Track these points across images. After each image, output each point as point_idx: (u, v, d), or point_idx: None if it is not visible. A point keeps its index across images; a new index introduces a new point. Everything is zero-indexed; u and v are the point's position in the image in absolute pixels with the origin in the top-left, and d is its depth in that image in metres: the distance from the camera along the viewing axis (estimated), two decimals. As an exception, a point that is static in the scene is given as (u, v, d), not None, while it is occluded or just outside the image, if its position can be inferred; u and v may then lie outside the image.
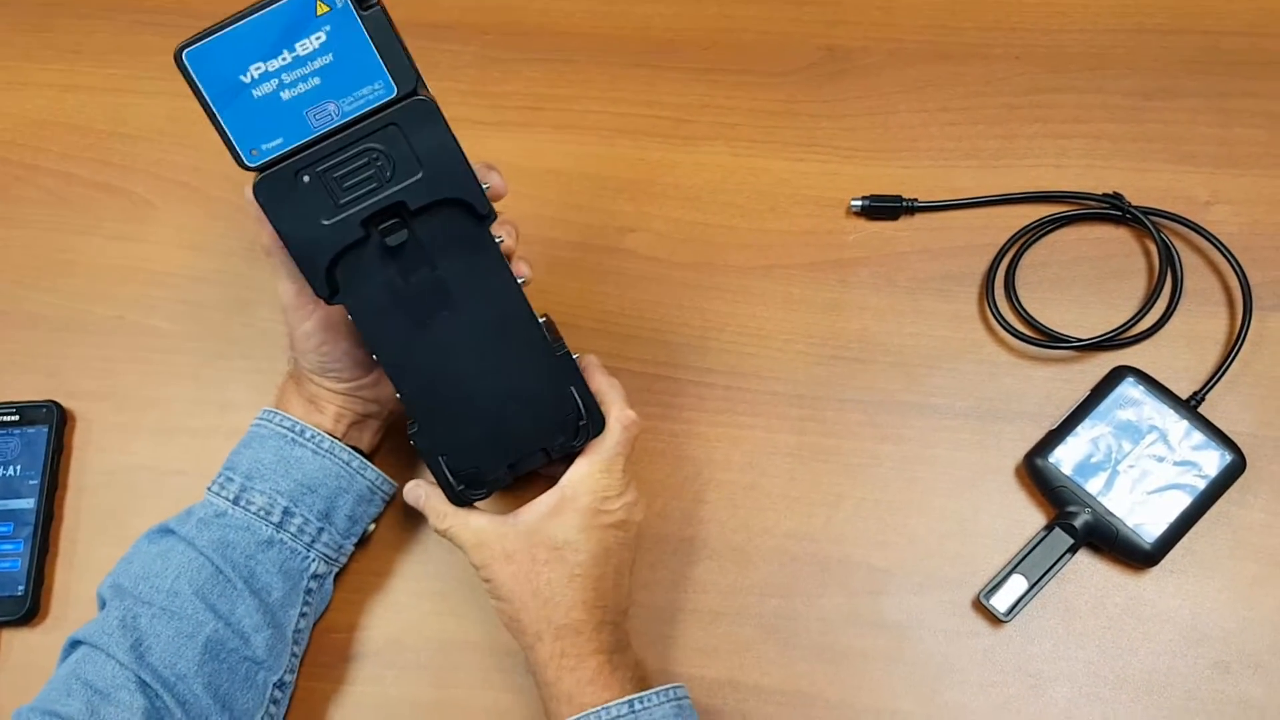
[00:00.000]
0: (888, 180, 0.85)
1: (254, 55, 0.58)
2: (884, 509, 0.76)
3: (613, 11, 0.93)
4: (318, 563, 0.71)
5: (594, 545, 0.67)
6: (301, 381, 0.72)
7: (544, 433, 0.68)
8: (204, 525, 0.68)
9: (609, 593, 0.67)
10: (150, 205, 0.89)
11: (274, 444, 0.70)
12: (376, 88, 0.59)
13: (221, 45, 0.57)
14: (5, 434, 0.80)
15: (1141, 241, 0.82)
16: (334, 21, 0.58)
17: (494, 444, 0.69)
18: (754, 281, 0.83)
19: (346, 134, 0.60)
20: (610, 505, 0.67)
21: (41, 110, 0.92)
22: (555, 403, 0.68)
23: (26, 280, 0.86)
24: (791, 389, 0.80)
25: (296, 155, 0.60)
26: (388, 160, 0.61)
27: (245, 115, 0.59)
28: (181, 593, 0.66)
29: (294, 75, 0.58)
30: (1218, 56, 0.87)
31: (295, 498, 0.69)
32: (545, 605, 0.66)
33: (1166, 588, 0.73)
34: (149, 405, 0.83)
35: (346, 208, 0.61)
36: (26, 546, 0.78)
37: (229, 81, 0.58)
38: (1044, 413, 0.78)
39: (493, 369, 0.67)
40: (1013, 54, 0.88)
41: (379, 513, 0.76)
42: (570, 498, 0.67)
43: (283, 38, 0.58)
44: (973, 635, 0.73)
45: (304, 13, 0.57)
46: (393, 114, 0.60)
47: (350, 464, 0.72)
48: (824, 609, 0.74)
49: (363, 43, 0.58)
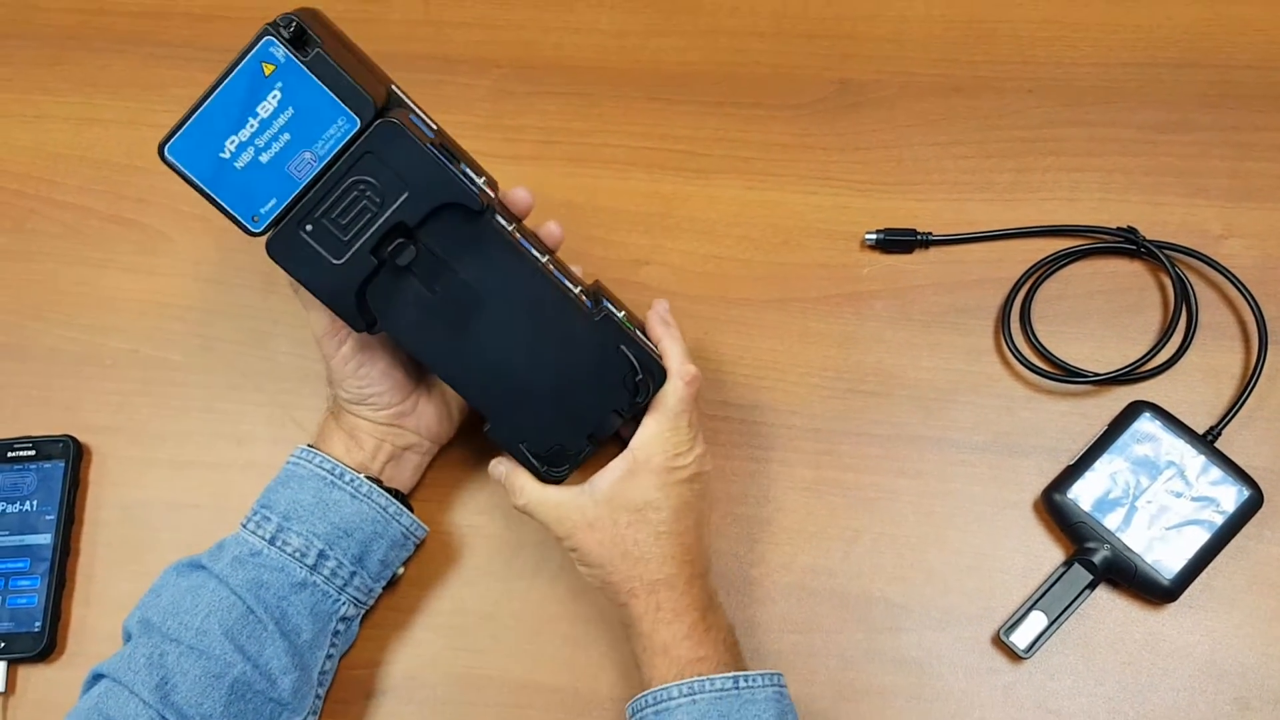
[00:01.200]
0: (901, 213, 0.85)
1: (225, 131, 0.62)
2: (902, 544, 0.77)
3: (626, 45, 0.93)
4: (348, 605, 0.71)
5: (674, 501, 0.68)
6: (340, 415, 0.73)
7: (609, 396, 0.70)
8: (239, 564, 0.68)
9: (694, 546, 0.69)
10: (166, 238, 0.89)
11: (313, 485, 0.70)
12: (341, 124, 0.62)
13: (194, 132, 0.62)
14: (22, 469, 0.80)
15: (1156, 275, 0.82)
16: (283, 77, 0.61)
17: (566, 419, 0.70)
18: (769, 315, 0.84)
19: (329, 176, 0.63)
20: (683, 461, 0.68)
21: (57, 143, 0.92)
22: (609, 365, 0.69)
23: (43, 314, 0.86)
24: (808, 422, 0.80)
25: (293, 210, 0.63)
26: (374, 188, 0.63)
27: (236, 188, 0.63)
28: (210, 631, 0.65)
29: (265, 138, 0.62)
30: (1229, 90, 0.87)
31: (331, 541, 0.69)
32: (636, 564, 0.67)
33: (1185, 623, 0.73)
34: (164, 439, 0.83)
35: (352, 243, 0.64)
36: (43, 582, 0.78)
37: (211, 162, 0.62)
38: (1061, 447, 0.78)
39: (540, 349, 0.69)
40: (1025, 87, 0.89)
41: (410, 556, 0.76)
42: (643, 460, 0.68)
43: (244, 107, 0.61)
44: (992, 672, 0.73)
45: (254, 78, 0.61)
46: (363, 144, 0.62)
47: (387, 509, 0.71)
48: (843, 645, 0.74)
49: (314, 87, 0.61)
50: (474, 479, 0.80)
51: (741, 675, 0.65)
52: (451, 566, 0.78)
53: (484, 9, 0.95)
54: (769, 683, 0.66)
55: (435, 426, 0.75)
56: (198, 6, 0.96)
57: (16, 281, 0.88)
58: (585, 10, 0.94)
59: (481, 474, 0.79)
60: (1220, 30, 0.89)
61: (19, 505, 0.80)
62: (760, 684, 0.65)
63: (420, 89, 0.91)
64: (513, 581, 0.77)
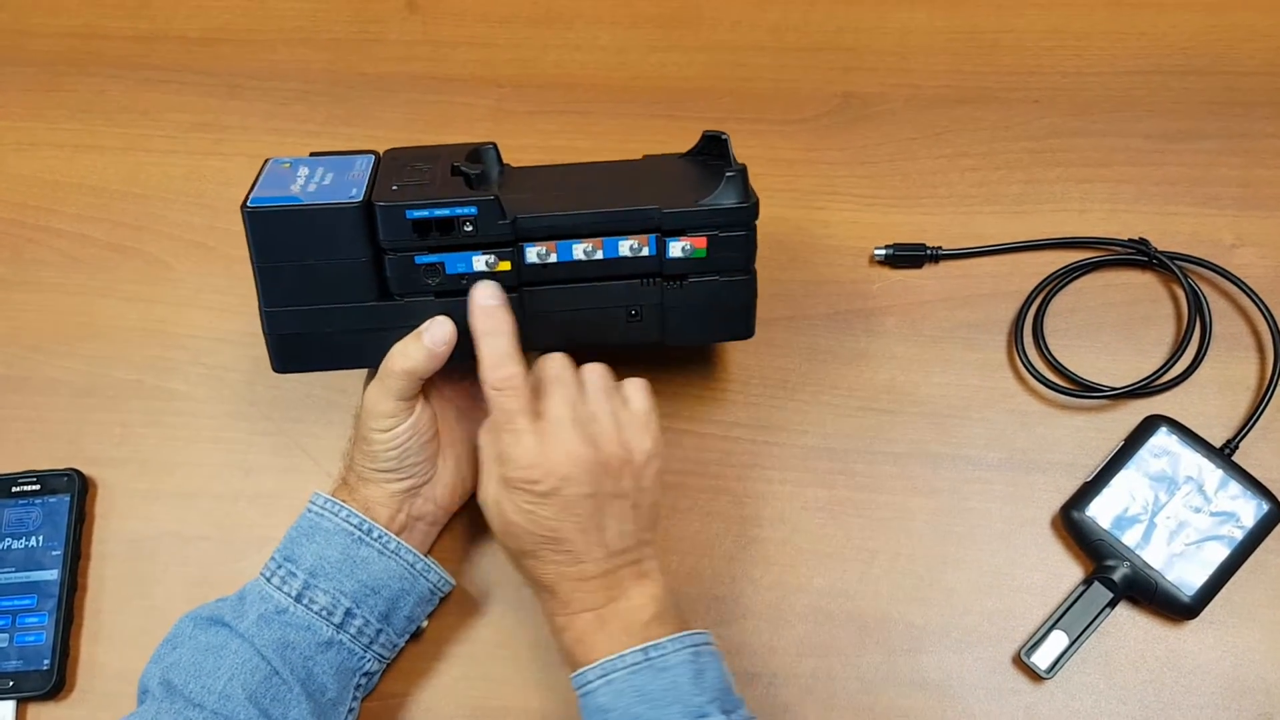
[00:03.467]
0: (909, 228, 0.85)
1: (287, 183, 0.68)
2: (919, 563, 0.76)
3: (627, 62, 0.92)
4: (372, 662, 0.70)
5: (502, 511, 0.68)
6: (356, 488, 0.71)
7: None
8: (264, 622, 0.66)
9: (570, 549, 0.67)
10: (166, 266, 0.88)
11: (340, 541, 0.69)
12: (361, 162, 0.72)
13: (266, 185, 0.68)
14: (27, 504, 0.79)
15: (1168, 286, 0.82)
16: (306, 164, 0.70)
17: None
18: (777, 333, 0.83)
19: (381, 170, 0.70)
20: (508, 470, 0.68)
21: (54, 171, 0.91)
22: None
23: (44, 345, 0.85)
24: (820, 442, 0.80)
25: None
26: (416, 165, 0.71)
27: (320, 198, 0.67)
28: (234, 696, 0.64)
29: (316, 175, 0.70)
30: (1236, 97, 0.87)
31: (358, 599, 0.68)
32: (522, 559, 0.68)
33: (1207, 640, 0.73)
34: (170, 470, 0.82)
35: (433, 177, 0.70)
36: (51, 619, 0.77)
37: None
38: (1077, 462, 0.77)
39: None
40: (1031, 98, 0.88)
41: (435, 609, 0.75)
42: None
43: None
44: (1014, 693, 0.72)
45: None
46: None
47: (414, 566, 0.70)
48: (862, 668, 0.74)
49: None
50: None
51: (652, 645, 0.63)
52: (466, 597, 0.77)
53: (482, 28, 0.94)
54: (681, 645, 0.64)
55: (449, 496, 0.74)
56: (193, 30, 0.96)
57: (15, 312, 0.87)
58: (585, 27, 0.94)
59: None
60: (1226, 37, 0.89)
61: (25, 541, 0.79)
62: (672, 649, 0.63)
63: (420, 109, 0.92)
64: (526, 611, 0.76)
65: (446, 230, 0.66)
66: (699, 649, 0.65)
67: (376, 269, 0.67)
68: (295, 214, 0.65)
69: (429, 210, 0.65)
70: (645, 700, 0.62)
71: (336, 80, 0.93)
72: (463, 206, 0.65)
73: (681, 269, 0.69)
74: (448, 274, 0.67)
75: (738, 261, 0.70)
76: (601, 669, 0.63)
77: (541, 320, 0.70)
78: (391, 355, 0.68)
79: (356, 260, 0.66)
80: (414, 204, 0.65)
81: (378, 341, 0.68)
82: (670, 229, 0.67)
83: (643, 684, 0.63)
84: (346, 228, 0.65)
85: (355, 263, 0.66)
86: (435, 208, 0.65)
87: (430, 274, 0.67)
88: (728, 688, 0.65)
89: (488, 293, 0.67)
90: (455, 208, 0.65)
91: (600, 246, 0.67)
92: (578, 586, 0.65)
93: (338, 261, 0.66)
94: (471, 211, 0.65)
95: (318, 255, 0.66)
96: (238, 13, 0.96)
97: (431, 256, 0.67)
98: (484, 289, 0.67)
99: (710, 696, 0.63)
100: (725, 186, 0.67)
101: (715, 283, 0.70)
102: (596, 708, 0.63)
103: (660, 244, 0.68)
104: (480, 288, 0.67)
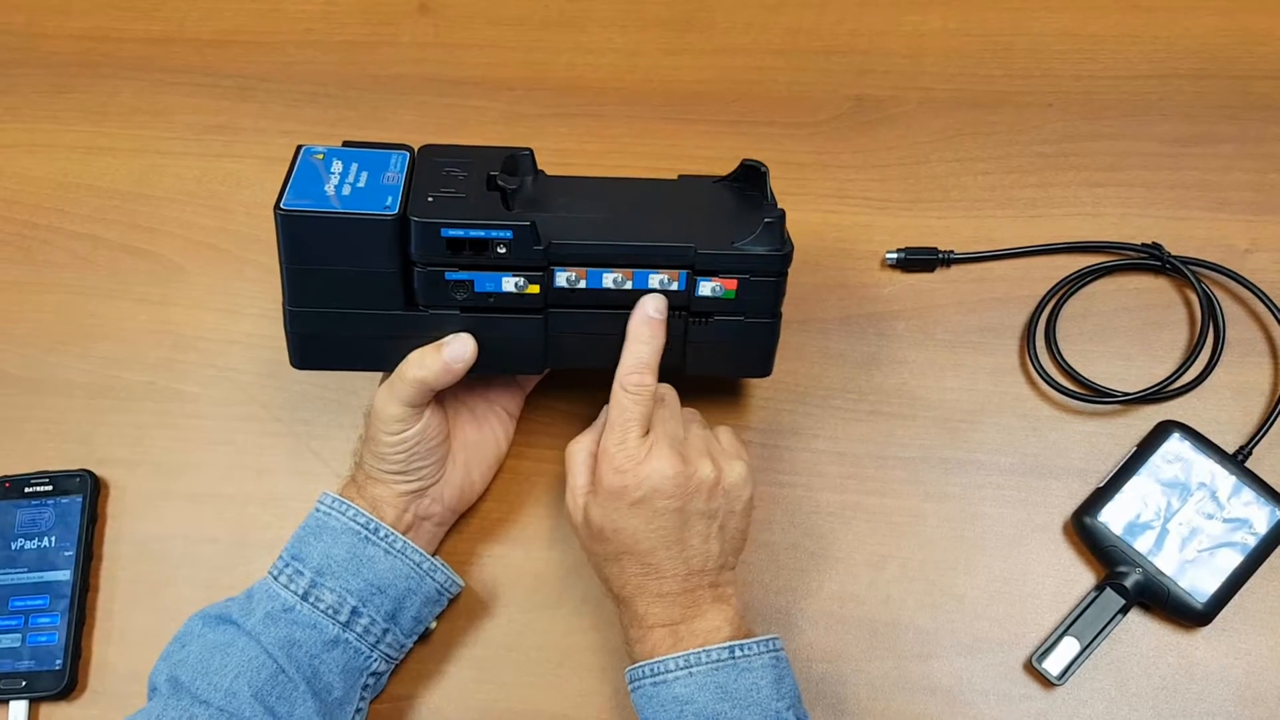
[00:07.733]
0: (921, 231, 0.85)
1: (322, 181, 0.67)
2: (930, 569, 0.76)
3: (639, 65, 0.92)
4: (379, 662, 0.70)
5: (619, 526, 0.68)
6: (364, 486, 0.72)
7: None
8: (271, 620, 0.67)
9: (663, 565, 0.67)
10: (178, 267, 0.88)
11: (347, 540, 0.69)
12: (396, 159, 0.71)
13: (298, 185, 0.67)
14: (40, 505, 0.80)
15: (1182, 291, 0.82)
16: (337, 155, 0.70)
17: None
18: (789, 336, 0.82)
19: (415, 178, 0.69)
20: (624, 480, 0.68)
21: (66, 172, 0.92)
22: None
23: (57, 346, 0.86)
24: (831, 446, 0.79)
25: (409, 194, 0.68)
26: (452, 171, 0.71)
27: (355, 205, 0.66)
28: (240, 694, 0.64)
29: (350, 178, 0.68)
30: (1251, 101, 0.86)
31: (365, 598, 0.68)
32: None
33: (1219, 647, 0.73)
34: (182, 471, 0.82)
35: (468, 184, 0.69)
36: (64, 619, 0.77)
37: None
38: (1090, 468, 0.77)
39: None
40: (1044, 101, 0.88)
41: (442, 610, 0.75)
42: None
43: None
44: (1025, 699, 0.72)
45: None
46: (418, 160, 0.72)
47: (421, 565, 0.71)
48: (873, 674, 0.73)
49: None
50: (496, 511, 0.79)
51: (738, 644, 0.65)
52: (474, 598, 0.77)
53: (495, 30, 0.94)
54: (765, 649, 0.65)
55: (456, 498, 0.74)
56: (205, 32, 0.96)
57: (29, 313, 0.87)
58: (597, 30, 0.93)
59: (504, 504, 0.79)
60: (1240, 41, 0.88)
61: (38, 541, 0.79)
62: (756, 650, 0.65)
63: (432, 111, 0.92)
64: (535, 613, 0.77)
65: (480, 250, 0.65)
66: (778, 654, 0.66)
67: (404, 279, 0.67)
68: (329, 221, 0.64)
69: (465, 230, 0.65)
70: (728, 698, 0.63)
71: (349, 82, 0.93)
72: (499, 230, 0.65)
73: (709, 308, 0.69)
74: (476, 291, 0.67)
75: (765, 305, 0.69)
76: (686, 659, 0.64)
77: (563, 340, 0.70)
78: (407, 362, 0.68)
79: (385, 270, 0.66)
80: (450, 223, 0.65)
81: (398, 348, 0.68)
82: (703, 269, 0.67)
83: (726, 680, 0.64)
84: (380, 239, 0.65)
85: (384, 272, 0.66)
86: (471, 228, 0.65)
87: (458, 289, 0.67)
88: (799, 697, 0.66)
89: (656, 305, 0.68)
90: (491, 230, 0.65)
91: (630, 278, 0.67)
92: (655, 601, 0.66)
93: (366, 269, 0.66)
94: (507, 235, 0.65)
95: (347, 262, 0.66)
96: (250, 15, 0.96)
97: (462, 274, 0.66)
98: (654, 301, 0.68)
99: (789, 703, 0.65)
100: (763, 232, 0.67)
101: (740, 323, 0.70)
102: (673, 697, 0.64)
103: (690, 281, 0.68)
104: (651, 300, 0.68)
